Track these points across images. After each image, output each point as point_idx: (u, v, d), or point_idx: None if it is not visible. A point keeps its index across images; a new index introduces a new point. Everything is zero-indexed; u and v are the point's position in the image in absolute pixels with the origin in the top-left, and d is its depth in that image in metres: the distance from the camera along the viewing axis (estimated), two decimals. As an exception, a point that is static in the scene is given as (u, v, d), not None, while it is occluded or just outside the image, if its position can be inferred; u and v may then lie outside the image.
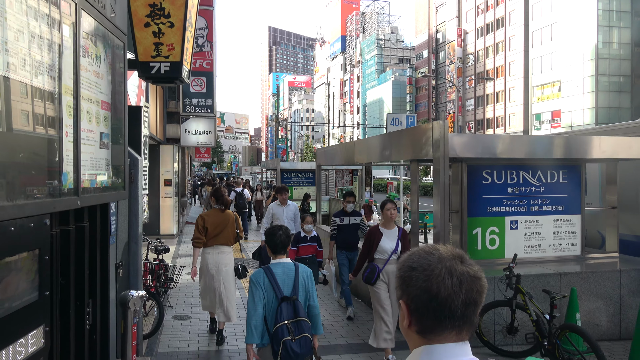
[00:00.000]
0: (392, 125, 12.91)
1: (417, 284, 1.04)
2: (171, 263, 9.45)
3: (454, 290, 1.02)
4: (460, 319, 1.04)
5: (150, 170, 12.79)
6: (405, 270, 1.08)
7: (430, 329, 1.05)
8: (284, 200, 7.52)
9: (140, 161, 4.47)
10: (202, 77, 13.45)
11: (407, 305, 1.07)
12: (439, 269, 1.04)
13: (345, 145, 8.60)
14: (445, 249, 1.09)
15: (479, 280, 1.06)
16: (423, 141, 5.19)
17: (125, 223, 4.25)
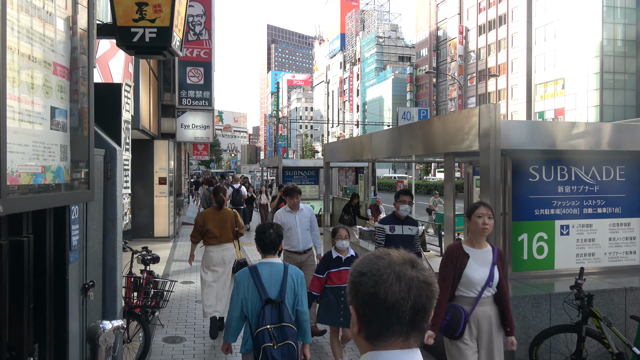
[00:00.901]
0: (404, 119, 12.04)
1: (366, 290, 1.03)
2: (164, 270, 8.54)
3: (401, 295, 1.01)
4: (408, 325, 1.02)
5: (144, 167, 11.90)
6: (356, 276, 1.06)
7: (377, 334, 1.04)
8: (295, 205, 5.62)
9: (120, 152, 3.56)
10: (199, 67, 12.52)
11: (356, 311, 1.06)
12: (388, 274, 1.02)
13: (358, 139, 7.67)
14: (396, 254, 1.07)
15: (430, 286, 1.04)
16: (465, 130, 4.28)
17: (99, 231, 3.33)
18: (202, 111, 12.77)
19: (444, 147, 4.78)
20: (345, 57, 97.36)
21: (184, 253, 10.49)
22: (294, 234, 5.51)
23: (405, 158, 9.29)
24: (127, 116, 3.95)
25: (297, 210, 5.67)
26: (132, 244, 11.63)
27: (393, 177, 49.23)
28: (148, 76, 10.57)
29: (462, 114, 4.41)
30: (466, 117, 4.27)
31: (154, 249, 11.22)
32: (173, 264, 9.07)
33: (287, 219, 5.55)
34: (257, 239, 2.98)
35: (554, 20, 47.77)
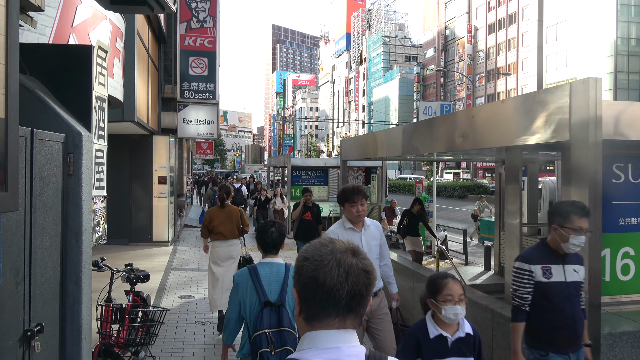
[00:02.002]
0: (425, 114, 11.04)
1: (307, 273, 1.08)
2: (161, 281, 7.54)
3: (339, 280, 1.06)
4: (344, 308, 1.07)
5: (142, 165, 10.94)
6: (300, 260, 1.12)
7: (315, 315, 1.08)
8: (358, 216, 3.59)
9: (88, 139, 2.57)
10: (203, 57, 11.53)
11: (298, 293, 1.11)
12: (328, 259, 1.08)
13: (384, 133, 6.65)
14: (340, 243, 1.13)
15: (368, 274, 1.09)
16: (545, 116, 3.27)
17: (53, 250, 2.34)
18: (206, 105, 11.77)
19: (507, 139, 3.77)
20: (351, 57, 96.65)
21: (184, 260, 9.51)
22: None
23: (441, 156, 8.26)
24: (101, 91, 2.98)
25: (361, 226, 3.65)
26: (129, 248, 10.73)
27: (409, 178, 48.11)
28: (146, 64, 9.60)
29: (539, 95, 3.39)
30: (547, 99, 3.25)
31: (152, 254, 10.30)
32: (172, 274, 8.07)
33: (348, 238, 3.46)
34: (257, 237, 2.83)
35: (566, 19, 46.82)
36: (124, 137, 10.63)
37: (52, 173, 2.30)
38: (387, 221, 14.76)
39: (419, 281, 5.36)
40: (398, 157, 7.42)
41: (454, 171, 58.39)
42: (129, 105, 7.57)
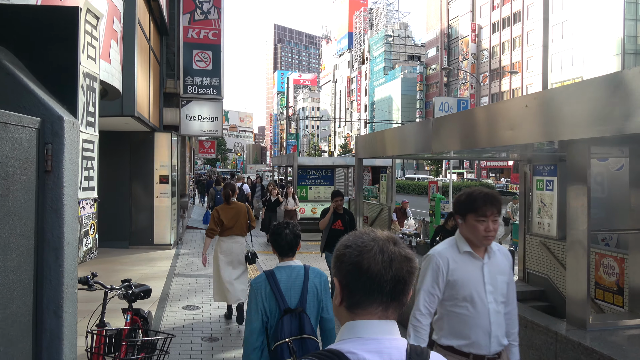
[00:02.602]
0: (441, 110, 10.45)
1: (350, 260, 1.07)
2: (162, 290, 6.94)
3: (383, 266, 1.05)
4: (388, 295, 1.06)
5: (143, 163, 10.36)
6: (341, 249, 1.11)
7: (358, 303, 1.07)
8: (486, 237, 2.35)
9: (73, 126, 1.98)
10: (207, 50, 10.94)
11: (339, 281, 1.10)
12: (372, 246, 1.07)
13: (410, 128, 6.02)
14: (380, 232, 1.12)
15: (410, 262, 1.08)
16: (628, 102, 2.67)
17: (26, 272, 1.75)
18: (210, 101, 11.17)
19: (574, 130, 3.18)
20: (353, 56, 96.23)
21: (188, 265, 8.93)
22: (480, 311, 2.35)
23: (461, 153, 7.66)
24: (91, 67, 2.40)
25: (484, 252, 2.42)
26: (130, 252, 10.17)
27: (417, 178, 47.45)
28: (147, 56, 9.01)
29: (623, 76, 2.80)
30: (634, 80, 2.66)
31: (153, 258, 9.70)
32: (174, 282, 7.48)
33: (464, 274, 2.36)
34: (272, 240, 2.65)
35: (572, 17, 46.36)
36: (123, 134, 10.05)
37: (21, 169, 1.71)
38: (398, 223, 14.19)
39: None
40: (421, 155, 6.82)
41: (458, 171, 57.82)
42: (128, 98, 6.99)
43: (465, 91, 60.90)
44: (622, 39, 42.35)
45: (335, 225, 6.66)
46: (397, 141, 6.38)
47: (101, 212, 10.21)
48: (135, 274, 7.89)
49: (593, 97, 3.02)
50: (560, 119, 3.34)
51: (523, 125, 3.63)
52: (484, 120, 4.22)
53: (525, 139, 3.60)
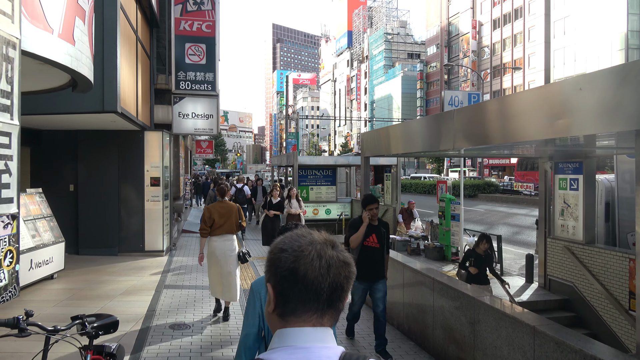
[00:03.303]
0: (450, 105, 9.78)
1: (285, 265, 1.02)
2: (149, 305, 6.22)
3: (321, 272, 1.01)
4: (324, 302, 1.02)
5: (132, 164, 9.68)
6: (276, 252, 1.05)
7: (292, 311, 1.02)
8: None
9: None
10: (200, 43, 10.25)
11: (273, 287, 1.04)
12: (309, 250, 1.02)
13: (426, 121, 5.31)
14: (317, 234, 1.08)
15: (348, 267, 1.05)
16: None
17: None
18: (204, 97, 10.49)
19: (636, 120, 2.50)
20: (352, 55, 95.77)
21: (180, 274, 8.24)
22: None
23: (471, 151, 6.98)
24: (7, 29, 1.70)
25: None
26: (118, 260, 9.44)
27: (423, 177, 46.74)
28: (134, 48, 8.32)
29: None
30: None
31: (143, 267, 8.95)
32: (164, 295, 6.77)
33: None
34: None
35: (574, 13, 45.82)
36: (110, 133, 9.38)
37: None
38: (404, 225, 13.50)
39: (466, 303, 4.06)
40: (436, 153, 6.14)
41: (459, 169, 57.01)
42: (110, 91, 6.31)
43: (467, 89, 60.36)
44: (626, 33, 41.76)
45: (369, 241, 4.96)
46: (410, 137, 5.69)
47: (88, 218, 9.54)
48: (122, 285, 7.21)
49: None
50: (617, 105, 2.66)
51: (578, 113, 2.94)
52: (527, 108, 3.52)
53: (582, 129, 2.91)
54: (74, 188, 9.55)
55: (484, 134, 4.11)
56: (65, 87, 4.55)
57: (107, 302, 6.25)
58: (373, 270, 4.94)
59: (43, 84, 4.50)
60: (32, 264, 6.76)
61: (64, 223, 9.29)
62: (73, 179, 9.53)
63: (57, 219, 8.79)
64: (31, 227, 7.06)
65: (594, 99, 2.84)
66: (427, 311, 5.08)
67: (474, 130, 4.15)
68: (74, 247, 9.45)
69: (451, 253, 10.63)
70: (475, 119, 4.22)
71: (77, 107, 6.27)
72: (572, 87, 3.07)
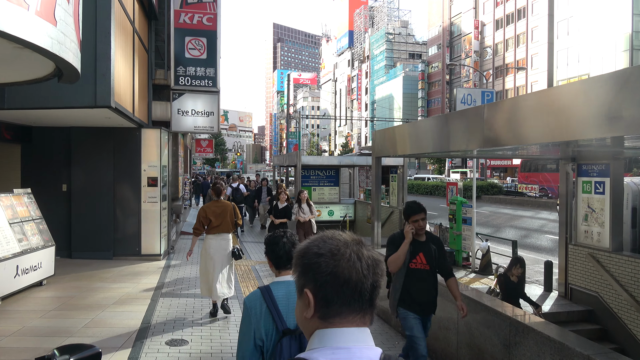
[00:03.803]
0: (463, 103, 9.30)
1: (327, 270, 1.00)
2: (144, 317, 5.72)
3: (364, 274, 1.01)
4: (367, 302, 1.02)
5: (128, 163, 9.19)
6: (312, 257, 1.02)
7: (337, 313, 1.01)
8: None
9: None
10: (201, 37, 9.77)
11: (314, 294, 1.01)
12: (348, 253, 1.01)
13: (458, 116, 4.80)
14: (345, 235, 1.07)
15: (381, 264, 1.06)
16: None
17: None
18: (205, 93, 10.00)
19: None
20: (353, 55, 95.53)
21: (179, 280, 7.76)
22: None
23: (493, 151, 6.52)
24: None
25: None
26: (113, 264, 8.89)
27: (427, 178, 46.29)
28: (131, 40, 7.84)
29: None
30: None
31: (138, 272, 8.36)
32: (160, 304, 6.28)
33: None
34: (268, 251, 2.38)
35: (578, 13, 45.54)
36: (106, 130, 8.90)
37: None
38: (411, 228, 13.02)
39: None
40: (485, 146, 5.64)
41: (461, 170, 56.83)
42: (103, 85, 5.83)
43: (468, 89, 59.87)
44: (631, 34, 41.41)
45: (416, 262, 3.87)
46: (433, 135, 5.20)
47: (81, 220, 9.03)
48: (116, 293, 6.72)
49: None
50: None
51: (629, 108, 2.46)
52: (581, 100, 3.04)
53: (629, 130, 2.43)
54: (66, 188, 9.07)
55: (523, 132, 3.63)
56: (51, 77, 4.07)
57: (99, 313, 5.76)
58: (427, 300, 3.91)
59: (25, 73, 4.02)
60: (19, 271, 6.27)
61: (56, 225, 8.81)
62: (66, 178, 9.04)
63: (48, 220, 8.31)
64: (18, 231, 6.57)
65: (517, 118, 2.38)
66: (449, 328, 4.60)
67: (511, 127, 3.68)
68: (67, 250, 8.96)
69: (462, 258, 10.15)
70: (512, 116, 3.74)
71: (68, 101, 5.79)
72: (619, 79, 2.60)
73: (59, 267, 8.05)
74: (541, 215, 23.14)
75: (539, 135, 3.48)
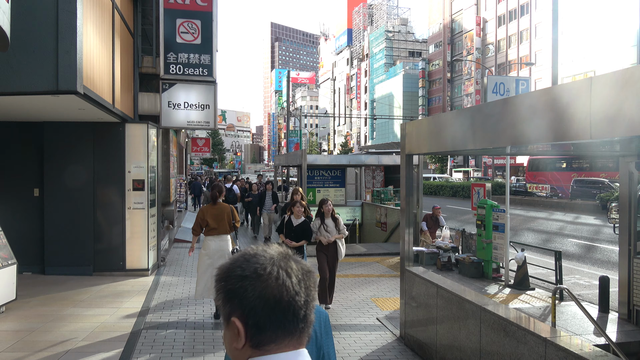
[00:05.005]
0: (494, 94, 8.10)
1: (254, 293, 0.89)
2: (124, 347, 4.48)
3: (295, 290, 0.92)
4: (303, 320, 0.94)
5: (109, 164, 7.93)
6: (236, 281, 0.90)
7: (271, 339, 0.90)
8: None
9: None
10: (194, 19, 8.51)
11: (243, 322, 0.90)
12: (276, 271, 0.91)
13: (513, 101, 3.50)
14: (271, 249, 0.97)
15: (312, 274, 0.98)
16: None
17: None
18: (199, 84, 8.73)
19: None
20: (352, 53, 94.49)
21: (168, 303, 6.49)
22: None
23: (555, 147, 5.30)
24: None
25: None
26: (92, 282, 7.27)
27: (432, 177, 45.09)
28: (110, 18, 6.59)
29: None
30: None
31: (121, 292, 5.94)
32: (142, 338, 4.99)
33: None
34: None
35: (583, 8, 44.67)
36: (84, 126, 7.66)
37: None
38: (429, 234, 11.79)
39: None
40: (555, 140, 4.42)
41: (464, 169, 55.77)
42: (67, 64, 4.58)
43: (470, 87, 59.04)
44: (639, 30, 40.54)
45: None
46: (484, 127, 3.96)
47: (56, 230, 7.69)
48: (89, 323, 5.46)
49: None
50: None
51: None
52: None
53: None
54: (39, 193, 7.81)
55: (599, 124, 2.43)
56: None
57: (62, 356, 4.51)
58: None
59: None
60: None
61: (26, 236, 7.57)
62: (38, 182, 7.79)
63: (17, 230, 7.09)
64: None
65: None
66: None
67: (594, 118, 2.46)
68: (39, 265, 7.72)
69: (492, 270, 8.93)
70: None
71: (21, 85, 4.54)
72: None
73: (27, 286, 6.81)
74: (556, 216, 21.99)
75: (615, 129, 2.30)
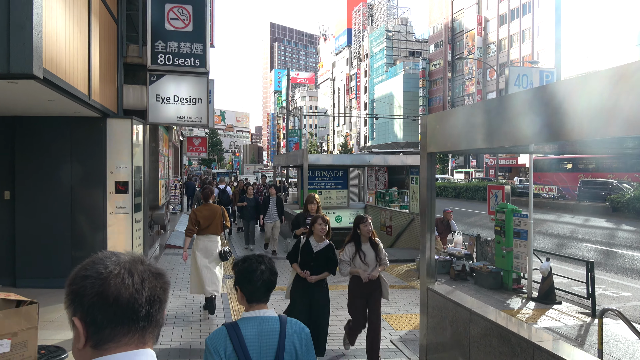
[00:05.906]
0: (517, 86, 7.33)
1: (93, 291, 0.91)
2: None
3: (136, 288, 0.93)
4: (144, 319, 0.94)
5: (89, 164, 6.89)
6: (78, 282, 0.93)
7: (110, 338, 0.92)
8: None
9: None
10: (185, 4, 7.69)
11: (82, 320, 0.92)
12: (118, 270, 0.94)
13: (571, 85, 2.62)
14: (124, 254, 0.99)
15: (162, 277, 0.99)
16: None
17: None
18: (191, 75, 7.90)
19: None
20: (352, 53, 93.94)
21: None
22: None
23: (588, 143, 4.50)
24: None
25: None
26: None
27: (439, 179, 44.45)
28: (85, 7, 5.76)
29: None
30: None
31: None
32: None
33: None
34: (239, 280, 1.98)
35: (587, 7, 44.24)
36: (61, 121, 6.83)
37: None
38: (439, 239, 10.98)
39: None
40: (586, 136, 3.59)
41: (465, 170, 55.09)
42: (21, 42, 3.75)
43: (472, 86, 58.47)
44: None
45: None
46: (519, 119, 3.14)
47: (29, 237, 6.75)
48: (55, 350, 4.64)
49: None
50: None
51: None
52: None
53: None
54: (10, 196, 6.98)
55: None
56: None
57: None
58: None
59: None
60: None
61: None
62: (9, 183, 6.96)
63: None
64: None
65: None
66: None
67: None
68: (9, 277, 6.89)
69: (512, 280, 8.12)
70: None
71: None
72: None
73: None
74: (564, 219, 21.19)
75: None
